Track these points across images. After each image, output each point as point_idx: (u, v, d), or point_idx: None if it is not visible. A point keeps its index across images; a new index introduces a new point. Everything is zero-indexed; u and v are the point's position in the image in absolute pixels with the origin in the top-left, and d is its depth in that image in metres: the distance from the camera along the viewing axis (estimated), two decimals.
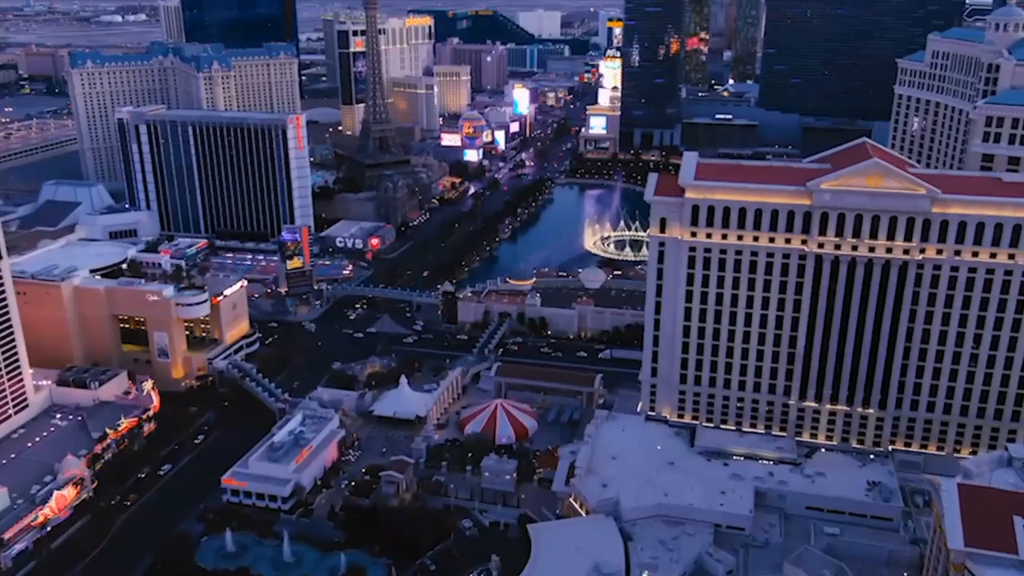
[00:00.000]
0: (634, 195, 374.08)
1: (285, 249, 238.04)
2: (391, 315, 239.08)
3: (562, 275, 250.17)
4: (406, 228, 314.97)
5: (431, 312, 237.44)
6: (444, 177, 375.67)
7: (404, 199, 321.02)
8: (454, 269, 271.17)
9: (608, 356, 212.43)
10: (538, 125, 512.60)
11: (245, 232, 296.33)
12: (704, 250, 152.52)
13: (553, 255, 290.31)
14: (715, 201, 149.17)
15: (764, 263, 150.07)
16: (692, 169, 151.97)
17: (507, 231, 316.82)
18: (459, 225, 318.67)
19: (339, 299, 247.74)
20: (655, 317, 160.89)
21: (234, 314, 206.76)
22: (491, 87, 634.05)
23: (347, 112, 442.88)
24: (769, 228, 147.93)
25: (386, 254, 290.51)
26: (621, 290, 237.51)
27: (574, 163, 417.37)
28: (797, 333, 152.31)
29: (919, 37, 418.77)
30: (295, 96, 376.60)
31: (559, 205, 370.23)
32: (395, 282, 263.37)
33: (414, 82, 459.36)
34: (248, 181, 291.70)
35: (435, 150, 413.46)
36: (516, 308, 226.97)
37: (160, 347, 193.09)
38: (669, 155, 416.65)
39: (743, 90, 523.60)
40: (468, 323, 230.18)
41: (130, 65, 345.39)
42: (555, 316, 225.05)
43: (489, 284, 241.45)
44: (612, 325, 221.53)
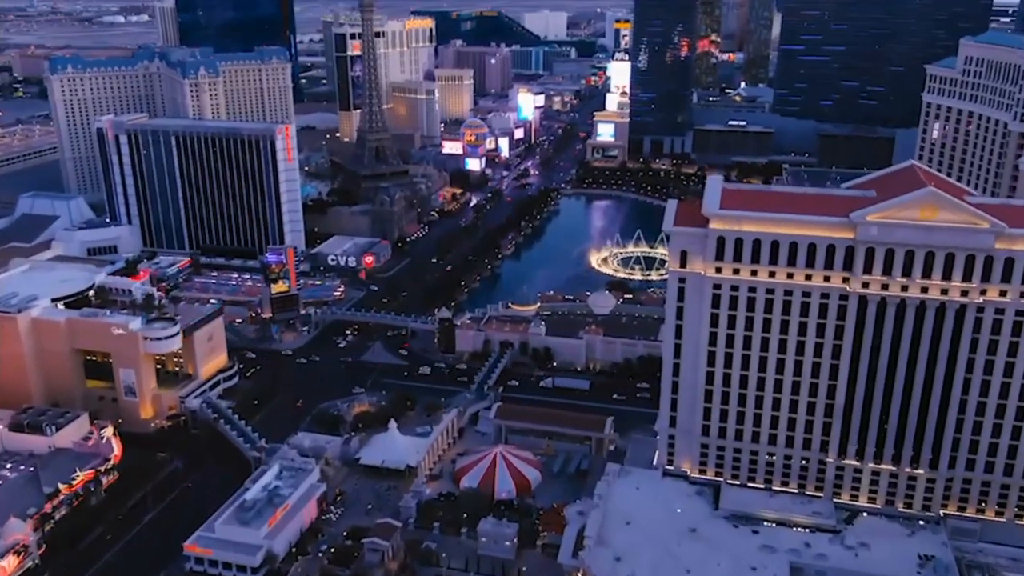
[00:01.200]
0: (644, 207, 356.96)
1: (269, 272, 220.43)
2: (384, 343, 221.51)
3: (568, 299, 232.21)
4: (403, 243, 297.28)
5: (427, 340, 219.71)
6: (444, 188, 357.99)
7: (401, 213, 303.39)
8: (453, 290, 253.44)
9: (550, 385, 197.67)
10: (543, 131, 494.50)
11: (231, 248, 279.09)
12: (731, 288, 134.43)
13: (559, 273, 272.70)
14: (744, 233, 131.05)
15: (799, 303, 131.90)
16: (717, 196, 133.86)
17: (510, 247, 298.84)
18: (459, 240, 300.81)
19: (328, 324, 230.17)
20: (674, 361, 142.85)
21: (210, 346, 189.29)
22: (495, 90, 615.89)
23: (345, 118, 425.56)
24: (806, 264, 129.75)
25: (381, 273, 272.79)
26: (632, 317, 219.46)
27: (581, 172, 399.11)
28: (837, 382, 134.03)
29: (943, 40, 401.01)
30: (288, 103, 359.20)
31: (565, 217, 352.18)
32: (389, 305, 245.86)
33: (414, 87, 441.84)
34: (235, 195, 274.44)
35: (435, 158, 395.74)
36: (519, 337, 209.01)
37: (127, 384, 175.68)
38: (681, 164, 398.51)
39: (756, 94, 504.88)
40: (467, 352, 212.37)
41: (113, 71, 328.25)
42: (561, 346, 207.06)
43: (490, 309, 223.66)
44: (623, 356, 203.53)
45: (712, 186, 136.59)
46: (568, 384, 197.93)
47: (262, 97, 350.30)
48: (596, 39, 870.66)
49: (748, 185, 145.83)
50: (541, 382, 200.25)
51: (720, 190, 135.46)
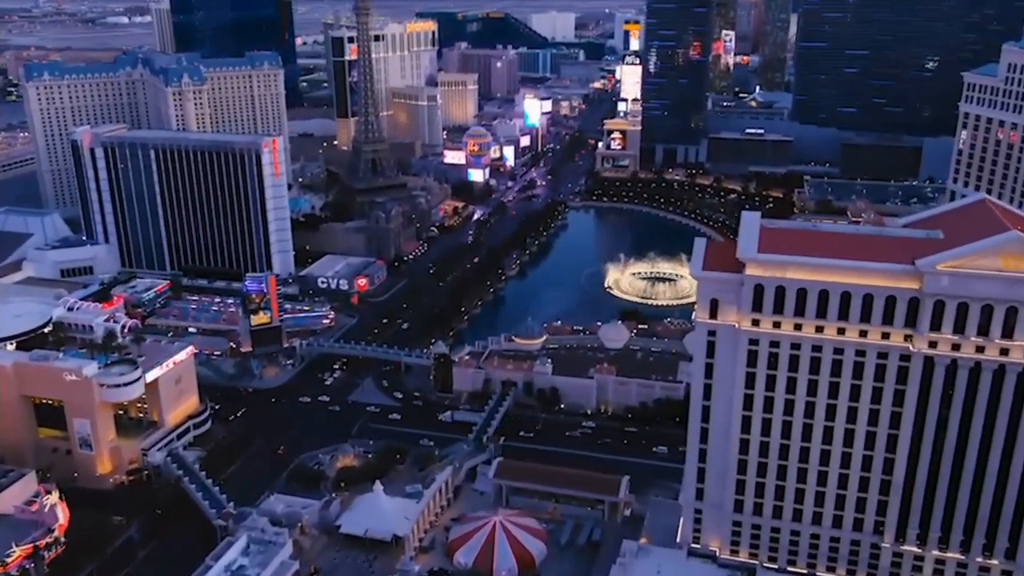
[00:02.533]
0: (658, 221, 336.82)
1: (248, 302, 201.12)
2: (374, 380, 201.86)
3: (577, 330, 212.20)
4: (400, 263, 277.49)
5: (422, 376, 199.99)
6: (445, 201, 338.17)
7: (398, 229, 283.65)
8: (452, 317, 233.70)
9: (449, 419, 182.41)
10: (551, 137, 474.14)
11: (215, 270, 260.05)
12: (770, 344, 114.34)
13: (567, 297, 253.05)
14: (787, 281, 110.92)
15: (852, 364, 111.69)
16: (754, 237, 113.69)
17: (514, 266, 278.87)
18: (460, 260, 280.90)
19: (314, 358, 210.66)
20: (701, 425, 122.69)
21: (179, 389, 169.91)
22: (501, 95, 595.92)
23: (342, 126, 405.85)
24: (860, 318, 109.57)
25: (375, 296, 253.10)
26: (648, 352, 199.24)
27: (590, 183, 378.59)
28: (895, 456, 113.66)
29: (973, 44, 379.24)
30: (280, 111, 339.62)
31: (574, 233, 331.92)
32: (383, 334, 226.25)
33: (415, 93, 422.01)
34: (218, 212, 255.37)
35: (437, 168, 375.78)
36: (522, 376, 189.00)
37: (81, 436, 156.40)
38: (695, 174, 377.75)
39: (772, 99, 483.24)
40: (465, 392, 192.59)
41: (93, 78, 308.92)
42: (569, 387, 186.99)
43: (491, 342, 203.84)
44: (639, 399, 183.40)
45: (748, 225, 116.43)
46: (465, 418, 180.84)
47: (252, 105, 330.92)
48: (605, 41, 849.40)
49: (789, 222, 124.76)
50: (440, 415, 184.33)
51: (758, 229, 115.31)
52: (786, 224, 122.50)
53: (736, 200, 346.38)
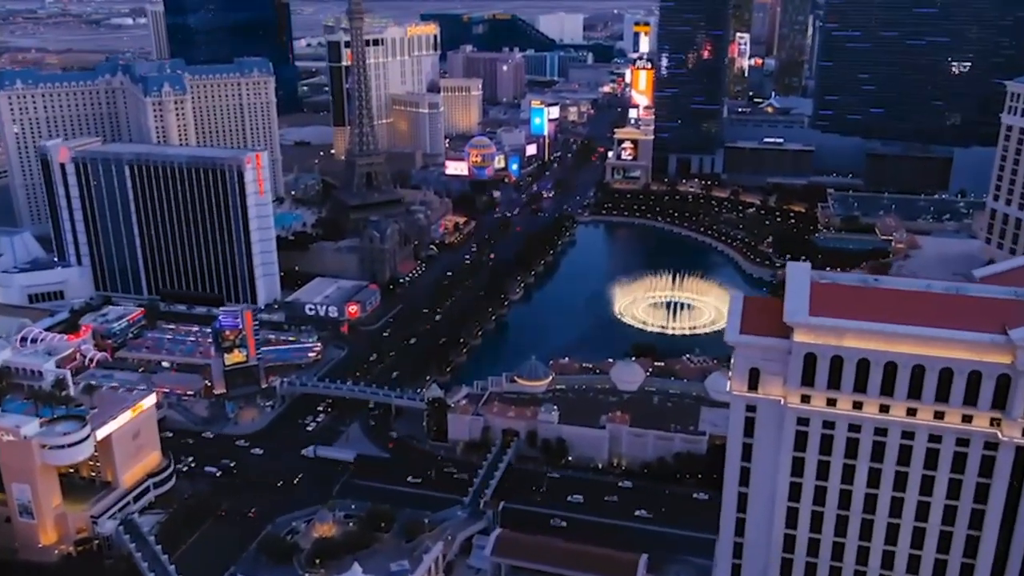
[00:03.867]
0: (672, 238, 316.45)
1: (222, 339, 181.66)
2: (362, 425, 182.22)
3: (587, 368, 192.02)
4: (396, 285, 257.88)
5: (415, 421, 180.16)
6: (447, 215, 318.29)
7: (393, 249, 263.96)
8: (450, 349, 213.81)
9: (311, 455, 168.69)
10: (558, 145, 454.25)
11: (195, 295, 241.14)
12: (824, 424, 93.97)
13: (575, 325, 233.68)
14: (845, 350, 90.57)
15: (924, 451, 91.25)
16: (804, 296, 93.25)
17: (518, 290, 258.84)
18: (460, 282, 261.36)
19: (297, 398, 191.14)
20: (737, 516, 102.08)
21: (136, 445, 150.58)
22: (507, 99, 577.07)
23: (339, 135, 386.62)
24: (936, 398, 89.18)
25: (367, 324, 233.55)
26: (665, 396, 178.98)
27: (600, 195, 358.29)
28: (975, 561, 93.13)
29: (1007, 49, 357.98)
30: (271, 121, 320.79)
31: (582, 250, 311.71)
32: (373, 369, 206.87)
33: (416, 100, 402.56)
34: (198, 233, 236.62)
35: (438, 180, 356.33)
36: (525, 424, 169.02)
37: (20, 503, 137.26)
38: (711, 185, 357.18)
39: (789, 105, 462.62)
40: (462, 442, 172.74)
41: (70, 86, 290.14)
42: (578, 438, 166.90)
43: (491, 383, 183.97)
44: (656, 453, 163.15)
45: (796, 280, 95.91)
46: (332, 455, 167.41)
47: (241, 115, 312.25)
48: (614, 43, 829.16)
49: (844, 275, 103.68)
50: (303, 450, 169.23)
51: (808, 286, 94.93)
52: (841, 278, 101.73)
53: (755, 215, 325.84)
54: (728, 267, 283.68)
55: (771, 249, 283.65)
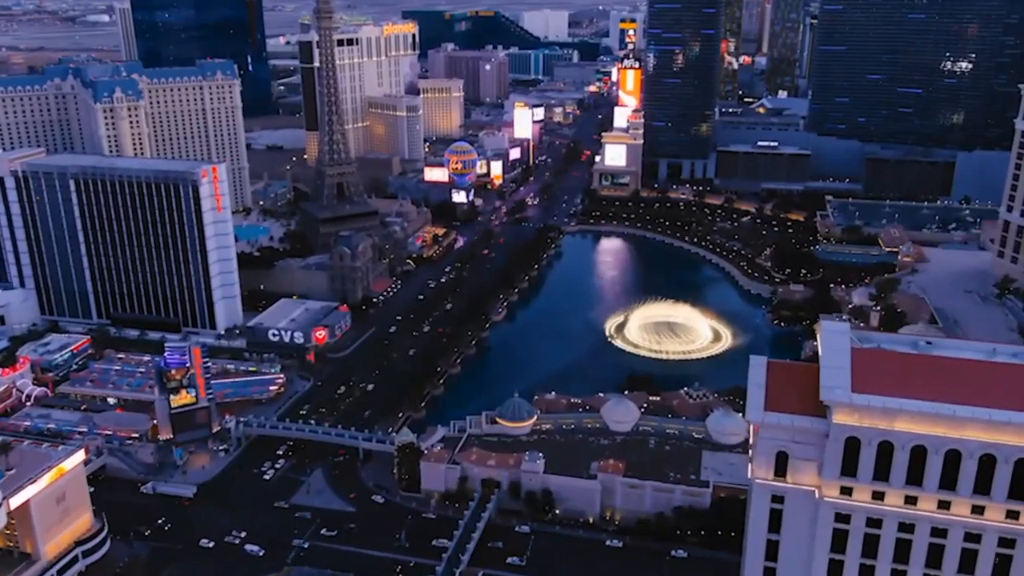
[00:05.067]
0: (663, 250, 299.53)
1: (167, 379, 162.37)
2: (326, 473, 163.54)
3: (575, 404, 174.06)
4: (368, 306, 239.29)
5: (385, 468, 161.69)
6: (425, 227, 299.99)
7: (366, 267, 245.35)
8: (425, 382, 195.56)
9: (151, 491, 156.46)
10: (543, 148, 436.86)
11: (149, 320, 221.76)
12: (869, 522, 77.02)
13: (561, 350, 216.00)
14: (896, 435, 73.47)
15: (992, 557, 74.32)
16: (845, 367, 75.76)
17: (501, 310, 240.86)
18: (438, 301, 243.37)
19: (254, 441, 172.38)
20: None
21: (62, 509, 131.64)
22: (490, 99, 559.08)
23: (312, 139, 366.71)
24: (1009, 494, 72.38)
25: (336, 351, 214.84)
26: (663, 438, 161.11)
27: (587, 203, 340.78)
28: None
29: (1013, 47, 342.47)
30: (237, 128, 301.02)
31: (569, 263, 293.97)
32: (341, 404, 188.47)
33: (393, 102, 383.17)
34: (151, 253, 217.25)
35: (416, 188, 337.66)
36: (508, 474, 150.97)
37: None
38: (704, 192, 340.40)
39: (782, 105, 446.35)
40: (436, 493, 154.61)
41: (17, 91, 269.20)
42: (567, 489, 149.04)
43: (470, 423, 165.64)
44: (654, 507, 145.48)
45: (834, 347, 78.24)
46: (171, 491, 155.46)
47: (204, 121, 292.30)
48: (600, 40, 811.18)
49: (890, 339, 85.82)
50: (141, 487, 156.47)
51: (848, 353, 77.29)
52: (886, 340, 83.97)
53: (751, 224, 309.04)
54: (724, 282, 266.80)
55: (769, 262, 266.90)
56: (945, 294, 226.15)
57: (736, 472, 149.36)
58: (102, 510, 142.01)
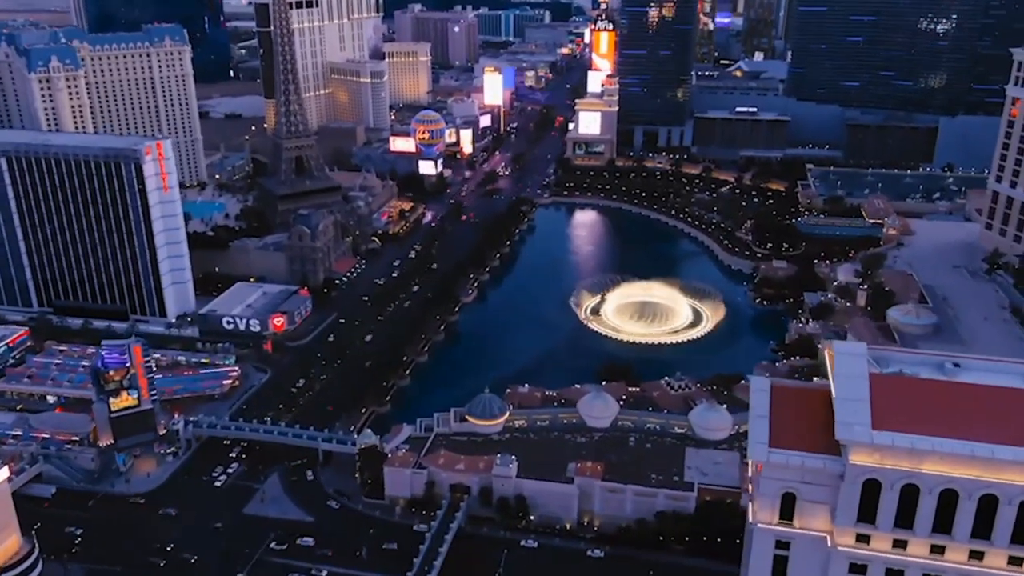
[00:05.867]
0: (640, 222, 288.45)
1: (105, 381, 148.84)
2: (282, 477, 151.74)
3: (550, 397, 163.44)
4: (331, 288, 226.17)
5: (346, 472, 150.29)
6: (391, 201, 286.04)
7: (328, 246, 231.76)
8: (390, 373, 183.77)
9: None
10: (515, 115, 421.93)
11: (94, 308, 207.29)
12: (887, 574, 66.94)
13: (535, 336, 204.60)
14: (923, 477, 63.26)
15: None
16: (863, 401, 64.95)
17: (471, 291, 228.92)
18: (406, 282, 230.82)
19: (205, 442, 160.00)
20: None
21: None
22: (459, 63, 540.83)
23: (271, 108, 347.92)
24: None
25: (296, 339, 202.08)
26: (644, 434, 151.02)
27: (560, 173, 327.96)
28: None
29: (997, 9, 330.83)
30: (188, 98, 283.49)
31: (543, 238, 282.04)
32: (301, 398, 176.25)
33: (357, 68, 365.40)
34: (93, 236, 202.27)
35: (382, 159, 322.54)
36: (478, 479, 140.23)
37: None
38: (681, 161, 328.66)
39: (760, 69, 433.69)
40: (401, 499, 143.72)
41: None
42: (542, 494, 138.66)
43: (438, 422, 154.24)
44: (635, 513, 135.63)
45: (849, 371, 67.31)
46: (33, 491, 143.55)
47: (152, 91, 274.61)
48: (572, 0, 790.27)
49: (912, 359, 74.59)
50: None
51: (866, 382, 66.34)
52: (908, 364, 72.90)
53: (730, 194, 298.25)
54: (703, 257, 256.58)
55: (750, 236, 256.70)
56: (933, 270, 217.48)
57: (722, 472, 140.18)
58: (39, 523, 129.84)
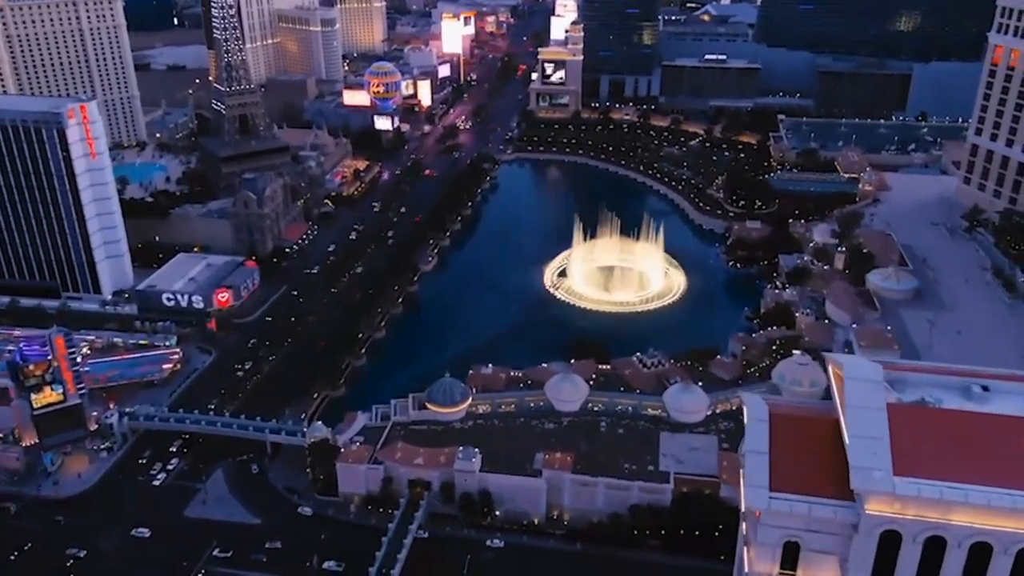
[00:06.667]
0: (607, 179, 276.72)
1: (24, 376, 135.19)
2: (227, 474, 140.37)
3: (515, 378, 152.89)
4: (280, 258, 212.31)
5: (297, 465, 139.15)
6: (345, 160, 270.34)
7: (276, 212, 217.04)
8: (344, 352, 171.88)
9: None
10: (475, 64, 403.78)
11: (22, 285, 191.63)
12: None
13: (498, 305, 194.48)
14: (949, 529, 53.50)
15: None
16: (882, 441, 54.81)
17: (431, 257, 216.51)
18: (360, 248, 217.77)
19: (142, 435, 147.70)
20: None
21: None
22: (416, 7, 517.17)
23: (214, 59, 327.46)
24: None
25: (243, 316, 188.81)
26: (615, 418, 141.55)
27: (524, 127, 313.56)
28: None
29: None
30: (121, 51, 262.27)
31: (506, 197, 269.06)
32: (248, 382, 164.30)
33: (307, 16, 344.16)
34: (16, 208, 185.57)
35: (335, 114, 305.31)
36: (439, 473, 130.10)
37: None
38: (649, 112, 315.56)
39: (728, 12, 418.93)
40: (356, 497, 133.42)
41: None
42: (508, 489, 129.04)
43: (395, 410, 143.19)
44: (608, 507, 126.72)
45: (863, 400, 57.02)
46: None
47: (81, 44, 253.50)
48: None
49: (931, 376, 64.04)
50: None
51: (884, 415, 56.12)
52: (929, 389, 62.70)
53: (700, 147, 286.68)
54: (674, 216, 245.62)
55: (721, 193, 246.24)
56: (911, 228, 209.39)
57: (699, 459, 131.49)
58: None
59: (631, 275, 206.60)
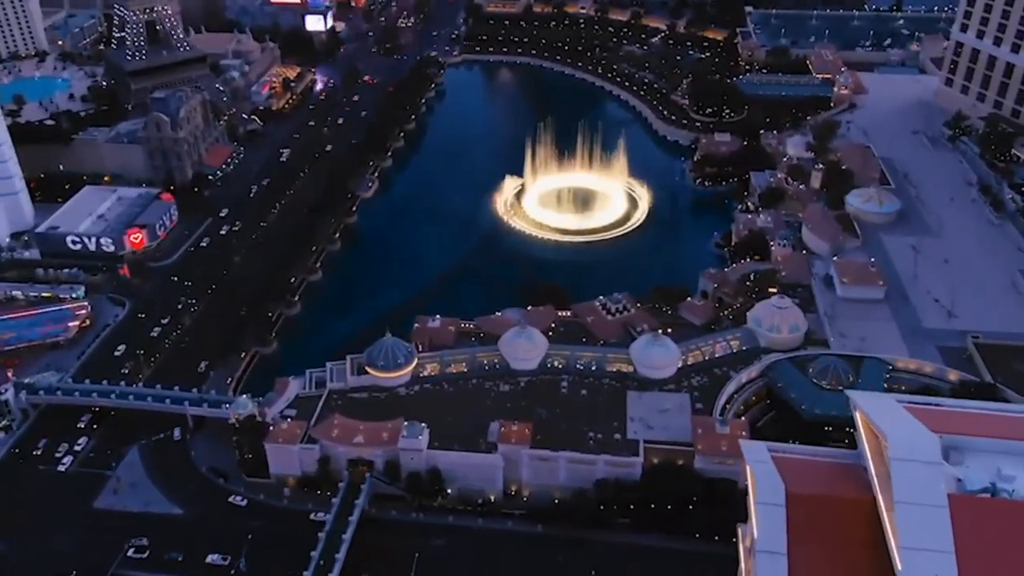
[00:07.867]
0: (563, 84, 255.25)
1: None
2: (143, 454, 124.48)
3: (466, 331, 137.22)
4: (202, 186, 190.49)
5: (223, 441, 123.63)
6: (273, 68, 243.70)
7: (196, 134, 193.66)
8: (275, 300, 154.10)
9: None
10: None
11: None
12: None
13: (447, 240, 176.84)
14: None
15: None
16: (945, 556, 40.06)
17: (371, 183, 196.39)
18: (291, 174, 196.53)
19: (44, 411, 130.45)
20: None
21: None
22: None
23: None
24: None
25: (159, 259, 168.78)
26: (578, 376, 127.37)
27: (472, 23, 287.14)
28: None
29: None
30: None
31: (453, 107, 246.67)
32: (167, 339, 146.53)
33: None
34: None
35: (261, 12, 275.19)
36: (382, 452, 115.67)
37: None
38: (607, 6, 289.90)
39: None
40: (290, 478, 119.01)
41: None
42: (460, 467, 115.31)
43: (331, 375, 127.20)
44: (572, 482, 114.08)
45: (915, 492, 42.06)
46: None
47: None
48: None
49: (990, 440, 48.52)
50: None
51: (948, 516, 41.35)
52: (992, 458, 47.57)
53: (663, 46, 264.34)
54: (636, 127, 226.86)
55: (686, 100, 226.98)
56: (890, 138, 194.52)
57: (670, 423, 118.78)
58: None
59: (591, 198, 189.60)
